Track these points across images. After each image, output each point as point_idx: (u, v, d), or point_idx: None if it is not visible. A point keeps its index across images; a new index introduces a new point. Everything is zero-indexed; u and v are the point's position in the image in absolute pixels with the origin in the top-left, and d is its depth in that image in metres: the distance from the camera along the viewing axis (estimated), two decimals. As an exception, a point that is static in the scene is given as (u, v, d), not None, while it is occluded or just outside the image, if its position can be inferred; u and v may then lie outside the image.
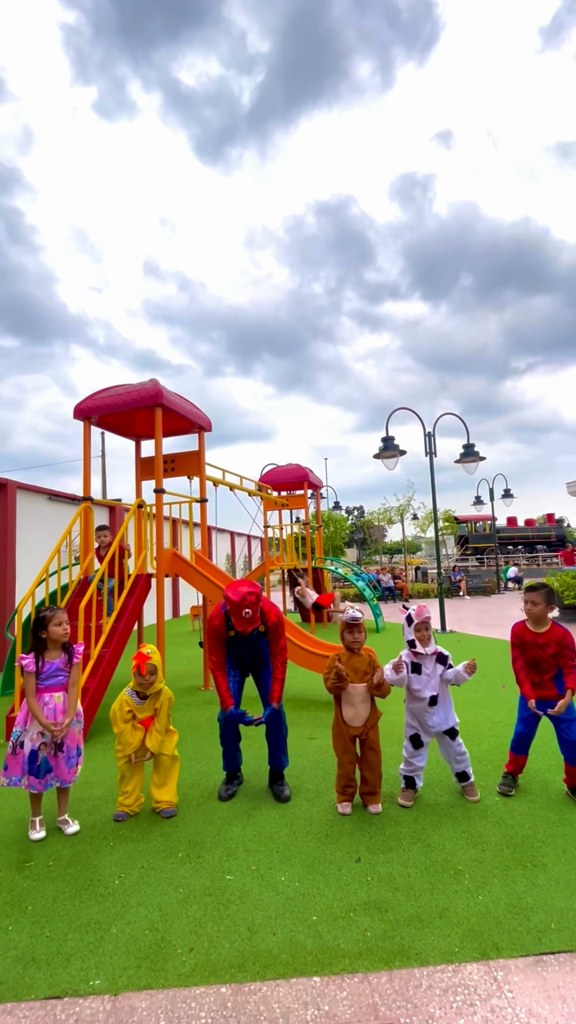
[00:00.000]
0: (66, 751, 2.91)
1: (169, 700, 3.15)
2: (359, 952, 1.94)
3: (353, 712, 3.03)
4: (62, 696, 2.92)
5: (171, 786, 3.12)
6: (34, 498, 9.11)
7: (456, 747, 3.11)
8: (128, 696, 3.09)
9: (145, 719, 3.07)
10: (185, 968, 1.90)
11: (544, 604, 3.07)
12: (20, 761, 2.80)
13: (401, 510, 22.32)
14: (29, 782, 2.80)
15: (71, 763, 2.93)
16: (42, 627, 2.90)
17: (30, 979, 1.88)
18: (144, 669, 3.02)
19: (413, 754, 3.12)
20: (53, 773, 2.88)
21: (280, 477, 11.24)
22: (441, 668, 3.11)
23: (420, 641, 3.09)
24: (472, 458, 10.94)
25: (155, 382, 5.77)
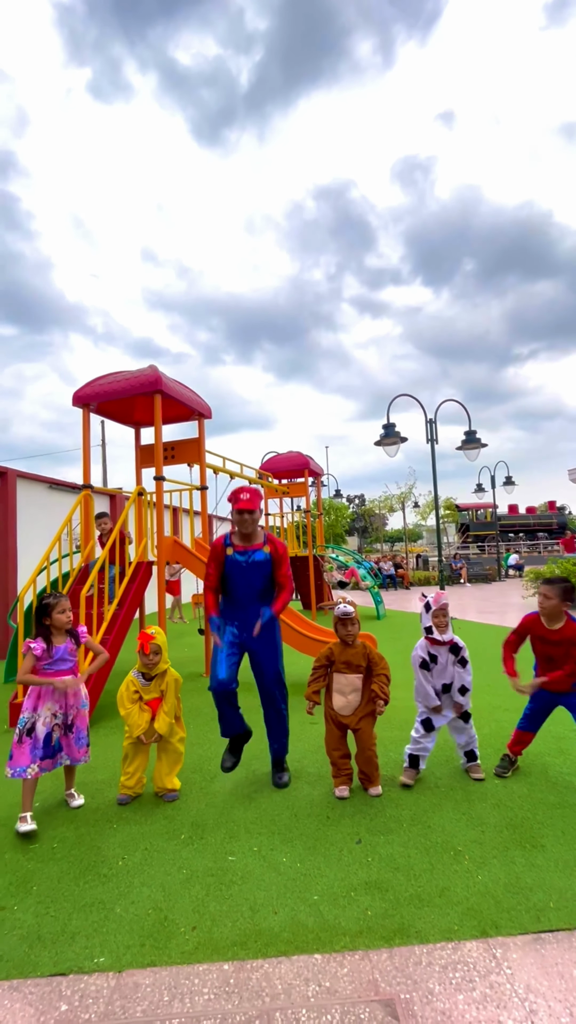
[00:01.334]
0: (76, 732, 2.95)
1: (176, 682, 3.17)
2: (360, 930, 1.96)
3: (343, 702, 3.04)
4: (73, 680, 2.94)
5: (174, 773, 3.16)
6: (34, 486, 9.09)
7: (468, 729, 3.18)
8: (134, 677, 3.12)
9: (152, 700, 3.08)
10: (188, 946, 1.93)
11: (559, 599, 2.89)
12: (28, 749, 2.77)
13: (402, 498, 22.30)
14: (41, 766, 2.79)
15: (81, 743, 2.98)
16: (46, 614, 2.90)
17: (35, 957, 1.91)
18: (148, 648, 3.04)
19: (423, 736, 3.15)
20: (64, 752, 2.93)
21: (281, 465, 11.20)
22: (453, 657, 3.13)
23: (438, 628, 3.10)
24: (474, 445, 10.87)
25: (154, 368, 5.73)
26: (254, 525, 3.22)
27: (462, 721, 3.18)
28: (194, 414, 6.53)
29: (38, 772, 2.79)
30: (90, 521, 5.84)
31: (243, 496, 3.15)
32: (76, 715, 2.94)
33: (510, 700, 4.56)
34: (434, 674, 3.13)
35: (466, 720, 3.18)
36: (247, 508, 3.15)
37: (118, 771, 3.46)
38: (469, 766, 3.23)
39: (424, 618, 3.18)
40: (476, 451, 11.20)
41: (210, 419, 6.68)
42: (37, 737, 2.80)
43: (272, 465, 11.23)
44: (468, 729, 3.19)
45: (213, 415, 6.71)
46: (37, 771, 2.79)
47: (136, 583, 5.41)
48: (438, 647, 3.13)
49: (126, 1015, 1.65)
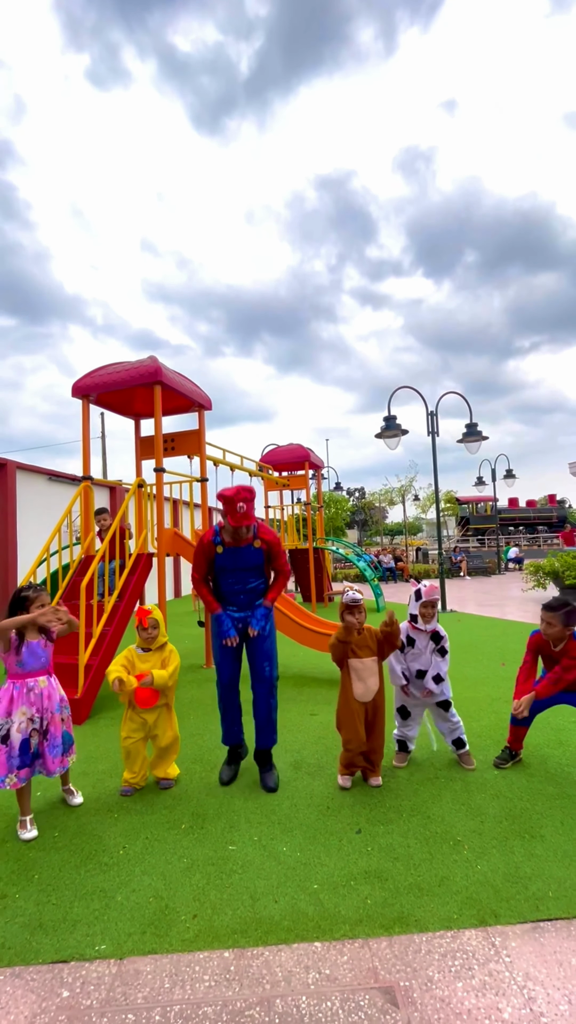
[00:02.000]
0: (51, 738, 2.74)
1: (175, 653, 3.18)
2: (359, 919, 1.98)
3: (364, 687, 3.03)
4: (47, 680, 2.77)
5: (169, 763, 3.18)
6: (34, 478, 9.07)
7: (450, 717, 3.22)
8: (133, 649, 3.15)
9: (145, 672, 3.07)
10: (189, 934, 1.94)
11: (561, 626, 2.90)
12: (4, 757, 2.59)
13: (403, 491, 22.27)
14: (19, 775, 2.62)
15: (55, 752, 2.75)
16: (22, 608, 2.72)
17: (37, 944, 1.92)
18: (146, 623, 3.07)
19: (403, 724, 3.23)
20: (41, 761, 2.73)
21: (281, 457, 11.17)
22: (433, 645, 3.16)
23: (423, 617, 3.14)
24: (475, 437, 10.85)
25: (154, 359, 5.69)
26: (248, 532, 3.11)
27: (442, 710, 3.21)
28: (194, 405, 6.49)
29: (17, 783, 2.60)
30: (90, 513, 5.83)
31: (240, 508, 2.90)
32: (51, 720, 2.74)
33: (509, 692, 4.58)
34: (408, 657, 3.19)
35: (446, 708, 3.21)
36: (245, 524, 2.99)
37: (118, 761, 3.48)
38: (460, 754, 3.25)
39: (412, 605, 3.22)
40: (477, 444, 11.18)
41: (210, 411, 6.64)
42: (12, 744, 2.61)
43: (272, 457, 11.20)
44: (450, 717, 3.22)
45: (213, 408, 6.68)
46: (16, 781, 2.59)
47: (136, 575, 5.40)
48: (418, 633, 3.17)
49: (127, 1001, 1.66)
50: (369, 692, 3.05)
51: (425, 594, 3.14)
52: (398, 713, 3.26)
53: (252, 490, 3.01)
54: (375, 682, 3.06)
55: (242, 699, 3.30)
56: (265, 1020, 1.57)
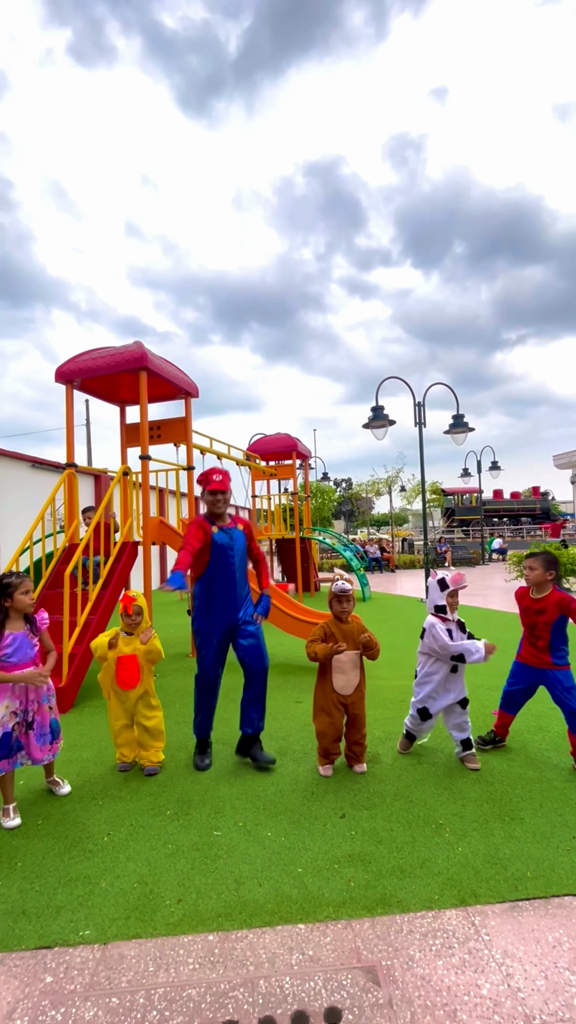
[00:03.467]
0: (37, 728, 2.72)
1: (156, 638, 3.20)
2: (343, 901, 2.00)
3: (344, 680, 3.04)
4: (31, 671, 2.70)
5: (154, 751, 3.18)
6: (16, 465, 8.92)
7: (465, 715, 3.14)
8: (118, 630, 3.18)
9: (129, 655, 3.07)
10: (173, 918, 1.95)
11: (542, 569, 3.02)
12: None
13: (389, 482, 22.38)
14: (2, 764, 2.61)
15: (43, 740, 2.75)
16: (6, 595, 2.66)
17: (20, 931, 1.91)
18: (131, 609, 3.10)
19: (419, 724, 3.18)
20: (24, 751, 2.71)
21: (268, 446, 11.13)
22: (464, 636, 3.11)
23: (451, 607, 3.08)
24: (461, 429, 10.90)
25: (140, 344, 5.59)
26: (226, 505, 3.32)
27: (460, 707, 3.13)
28: (180, 392, 6.41)
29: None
30: (74, 501, 5.75)
31: (215, 477, 3.25)
32: (36, 710, 2.72)
33: (492, 679, 4.66)
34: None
35: (464, 706, 3.14)
36: (220, 488, 3.25)
37: (103, 749, 3.48)
38: (465, 755, 3.13)
39: (436, 595, 3.10)
40: (463, 435, 11.24)
41: (197, 398, 6.57)
42: None
43: (260, 447, 11.15)
44: (464, 715, 3.14)
45: (200, 396, 6.60)
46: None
47: (122, 563, 5.36)
48: (448, 624, 3.10)
49: (111, 985, 1.67)
50: (350, 685, 3.04)
51: (452, 582, 3.05)
52: (418, 715, 3.17)
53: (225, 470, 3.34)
54: (356, 676, 3.06)
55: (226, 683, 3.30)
56: (249, 1001, 1.59)
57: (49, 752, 2.81)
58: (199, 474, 3.31)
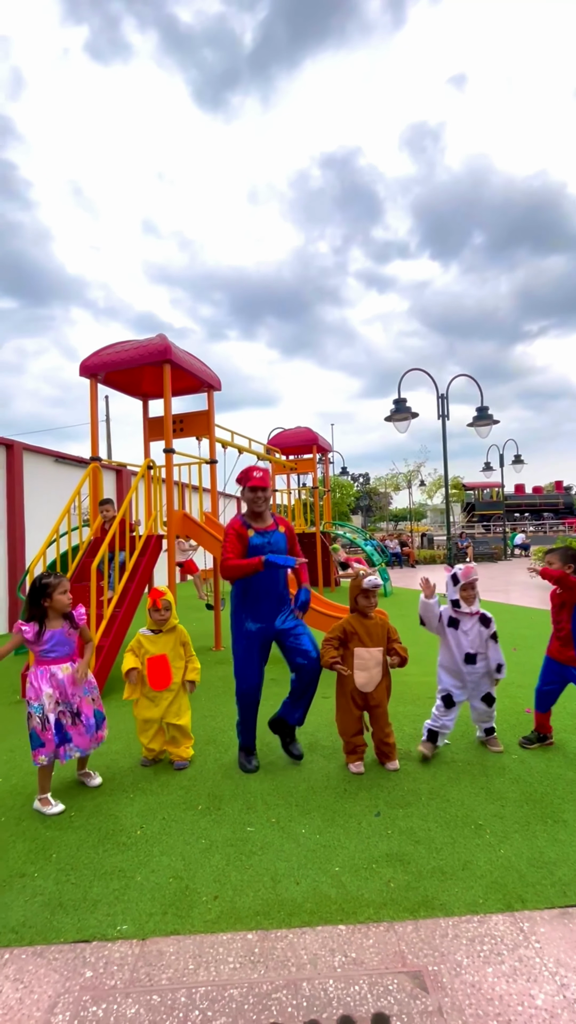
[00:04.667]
0: (84, 719, 2.80)
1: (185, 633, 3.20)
2: (383, 902, 1.95)
3: (367, 677, 2.97)
4: (69, 666, 2.79)
5: (185, 744, 3.17)
6: (41, 460, 9.01)
7: (492, 712, 3.18)
8: (142, 633, 3.15)
9: (158, 656, 3.05)
10: (211, 915, 1.92)
11: (560, 563, 3.06)
12: (52, 736, 2.67)
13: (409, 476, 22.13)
14: (59, 752, 2.70)
15: (91, 731, 2.83)
16: (45, 595, 2.71)
17: (58, 923, 1.90)
18: (160, 604, 3.07)
19: (444, 713, 3.13)
20: (73, 743, 2.77)
21: (288, 440, 11.05)
22: (483, 629, 3.12)
23: (465, 600, 3.10)
24: (485, 421, 10.70)
25: (163, 337, 5.57)
26: (267, 503, 3.18)
27: (484, 704, 3.16)
28: (203, 386, 6.38)
29: (62, 759, 2.71)
30: (98, 494, 5.78)
31: (255, 474, 3.13)
32: (80, 702, 2.81)
33: (523, 676, 4.54)
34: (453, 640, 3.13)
35: (489, 704, 3.17)
36: (260, 485, 3.11)
37: (132, 741, 3.47)
38: (487, 739, 3.23)
39: (450, 591, 3.15)
40: (487, 428, 11.03)
41: (219, 391, 6.53)
42: (50, 726, 2.68)
43: (279, 441, 11.08)
44: (491, 712, 3.20)
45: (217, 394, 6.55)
46: (62, 757, 2.71)
47: (146, 557, 5.36)
48: (462, 615, 3.12)
49: (151, 982, 1.64)
50: (371, 682, 2.97)
51: (463, 576, 3.08)
52: (442, 702, 3.13)
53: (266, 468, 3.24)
54: (379, 673, 3.00)
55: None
56: (292, 1003, 1.55)
57: (94, 741, 2.89)
58: (239, 472, 3.20)
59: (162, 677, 3.04)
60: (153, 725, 3.10)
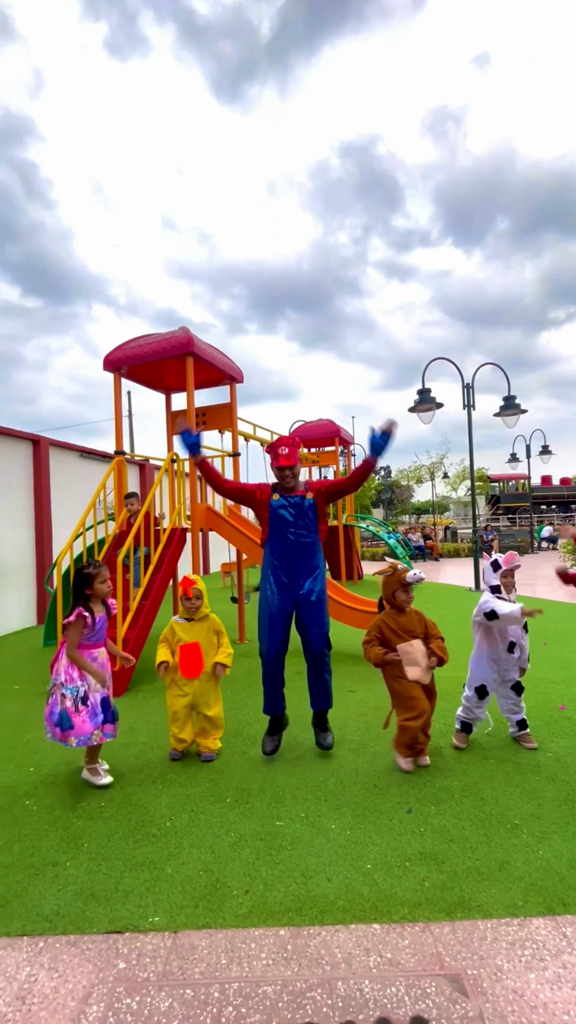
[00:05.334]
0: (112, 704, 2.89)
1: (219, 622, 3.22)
2: (418, 901, 1.90)
3: (420, 669, 2.90)
4: (104, 650, 2.92)
5: (214, 735, 3.16)
6: (66, 455, 9.13)
7: (520, 700, 3.13)
8: (175, 621, 3.16)
9: (190, 643, 3.04)
10: (242, 909, 1.90)
11: None
12: (88, 716, 2.70)
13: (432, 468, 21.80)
14: (105, 730, 2.74)
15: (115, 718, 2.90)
16: (87, 584, 2.80)
17: (91, 913, 1.91)
18: (191, 592, 3.07)
19: (476, 704, 3.09)
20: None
21: (310, 433, 10.97)
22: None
23: (505, 587, 3.04)
24: (512, 411, 10.43)
25: (186, 330, 5.55)
26: (295, 479, 3.13)
27: (514, 693, 3.12)
28: (225, 378, 6.35)
29: (103, 737, 2.74)
30: (123, 488, 5.81)
31: (282, 451, 3.03)
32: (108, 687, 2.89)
33: (555, 672, 4.42)
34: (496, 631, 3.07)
35: (518, 693, 3.13)
36: (288, 464, 3.07)
37: (159, 734, 3.48)
38: (520, 735, 3.16)
39: (490, 576, 3.08)
40: (515, 417, 10.76)
41: (242, 383, 6.49)
42: (94, 704, 2.73)
43: (301, 433, 11.01)
44: (520, 701, 3.15)
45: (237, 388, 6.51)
46: (102, 736, 2.74)
47: (171, 550, 5.38)
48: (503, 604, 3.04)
49: (184, 976, 1.63)
50: (427, 674, 2.90)
51: (504, 562, 3.01)
52: (475, 693, 3.09)
53: (296, 439, 3.17)
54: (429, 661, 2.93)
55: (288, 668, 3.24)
56: (328, 1003, 1.52)
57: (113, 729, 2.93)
58: (267, 445, 3.16)
59: (194, 665, 3.03)
60: (183, 714, 3.10)
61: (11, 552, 7.75)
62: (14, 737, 3.61)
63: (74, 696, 2.72)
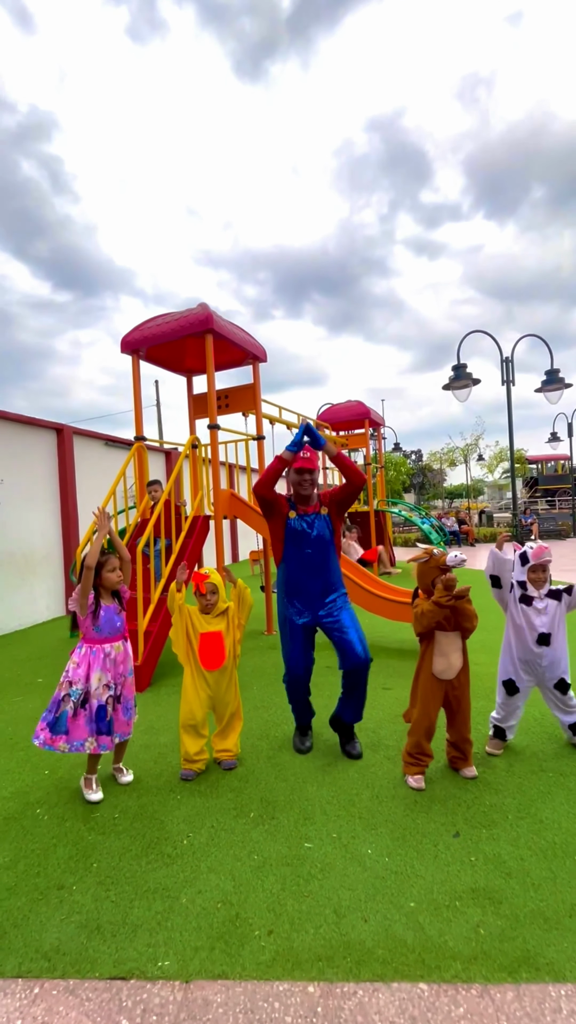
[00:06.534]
0: (124, 702, 2.69)
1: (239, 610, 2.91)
2: (473, 955, 1.60)
3: (446, 663, 2.59)
4: (122, 644, 2.70)
5: (234, 736, 2.89)
6: (91, 444, 9.03)
7: (568, 700, 2.77)
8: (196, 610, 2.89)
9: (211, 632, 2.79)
10: (265, 955, 1.64)
11: None
12: (84, 722, 2.52)
13: (467, 451, 20.98)
14: (99, 742, 2.54)
15: (129, 715, 2.72)
16: (94, 572, 2.60)
17: (94, 952, 1.68)
18: (203, 588, 2.79)
19: (506, 703, 2.76)
20: (115, 730, 2.64)
21: (339, 415, 10.56)
22: (556, 603, 2.70)
23: (533, 583, 2.67)
24: (556, 385, 9.73)
25: (204, 306, 5.25)
26: (313, 486, 2.90)
27: (559, 691, 2.76)
28: (248, 357, 6.03)
29: (97, 748, 2.53)
30: (144, 475, 5.61)
31: (303, 455, 2.85)
32: (124, 684, 2.68)
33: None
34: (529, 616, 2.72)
35: (563, 691, 2.77)
36: (307, 467, 2.84)
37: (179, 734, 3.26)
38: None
39: (516, 571, 2.74)
40: (558, 393, 10.06)
41: (265, 362, 6.16)
42: (91, 709, 2.53)
43: (330, 415, 10.61)
44: (568, 700, 2.78)
45: (263, 374, 6.18)
46: (96, 746, 2.53)
47: (193, 538, 5.15)
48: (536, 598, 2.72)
49: (195, 1042, 1.38)
50: (452, 669, 2.60)
51: (533, 556, 2.63)
52: (503, 687, 2.78)
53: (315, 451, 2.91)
54: (458, 659, 2.61)
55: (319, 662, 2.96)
56: None
57: (131, 726, 2.76)
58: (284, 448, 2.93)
59: (215, 656, 2.78)
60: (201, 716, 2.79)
61: (38, 542, 7.72)
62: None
63: (76, 699, 2.53)
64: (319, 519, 2.90)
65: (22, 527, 7.48)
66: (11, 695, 4.38)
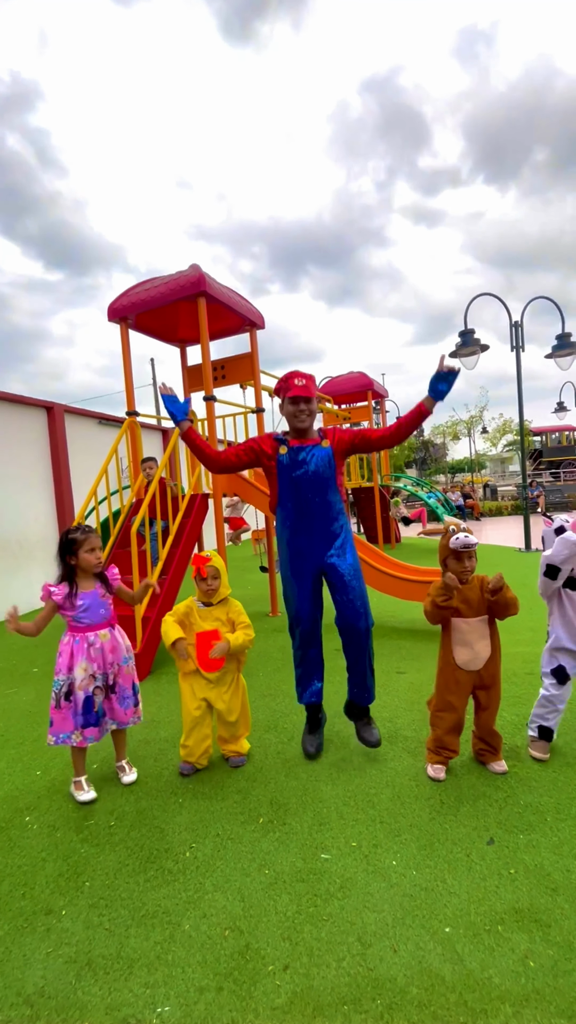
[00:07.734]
0: (119, 691, 2.48)
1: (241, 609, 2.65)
2: (524, 994, 1.37)
3: (470, 654, 2.34)
4: (108, 632, 2.46)
5: (240, 736, 2.67)
6: (84, 422, 8.70)
7: None
8: (194, 602, 2.63)
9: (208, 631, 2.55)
10: (281, 998, 1.41)
11: None
12: (70, 714, 2.34)
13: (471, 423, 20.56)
14: (85, 734, 2.36)
15: (127, 703, 2.50)
16: (70, 552, 2.36)
17: (83, 994, 1.46)
18: (205, 572, 2.53)
19: (555, 695, 2.45)
20: (107, 716, 2.47)
21: (341, 387, 10.17)
22: None
23: None
24: (567, 350, 9.32)
25: (196, 267, 4.86)
26: (311, 418, 2.57)
27: None
28: (244, 324, 5.65)
29: (83, 741, 2.35)
30: (138, 452, 5.30)
31: (297, 381, 2.52)
32: (118, 672, 2.47)
33: None
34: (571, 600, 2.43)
35: None
36: (303, 395, 2.51)
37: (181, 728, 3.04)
38: None
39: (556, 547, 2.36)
40: (569, 359, 9.64)
41: (263, 329, 5.78)
42: (76, 701, 2.34)
43: (332, 388, 10.22)
44: None
45: (261, 351, 5.79)
46: (82, 739, 2.34)
47: (192, 517, 4.87)
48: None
49: None
50: (478, 659, 2.34)
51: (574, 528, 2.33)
52: (552, 676, 2.45)
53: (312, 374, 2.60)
54: (485, 647, 2.35)
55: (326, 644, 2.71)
56: None
57: (134, 715, 2.54)
58: (276, 382, 2.62)
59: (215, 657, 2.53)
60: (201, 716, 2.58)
61: (32, 526, 7.46)
62: (25, 731, 3.25)
63: (58, 690, 2.34)
64: (318, 451, 2.53)
65: (15, 511, 7.21)
66: (4, 686, 4.17)
